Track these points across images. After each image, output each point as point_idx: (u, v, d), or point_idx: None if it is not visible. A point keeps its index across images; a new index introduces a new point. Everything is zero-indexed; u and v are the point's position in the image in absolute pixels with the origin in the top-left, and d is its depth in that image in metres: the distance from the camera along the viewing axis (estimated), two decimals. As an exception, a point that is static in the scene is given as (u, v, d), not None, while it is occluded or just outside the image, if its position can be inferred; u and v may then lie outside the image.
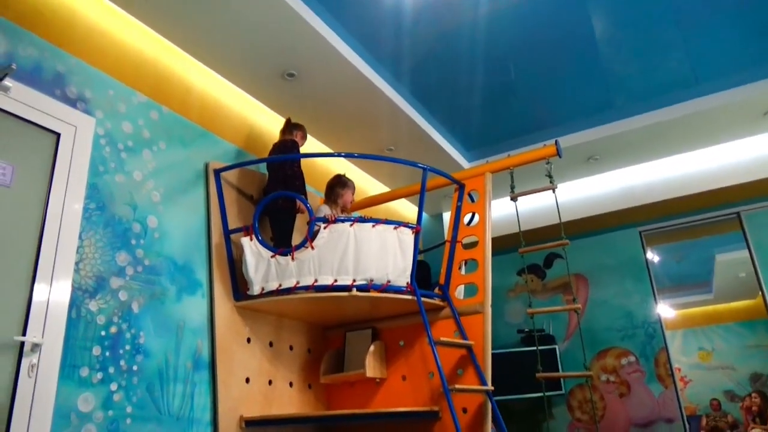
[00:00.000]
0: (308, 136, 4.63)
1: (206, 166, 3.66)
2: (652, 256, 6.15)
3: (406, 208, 6.00)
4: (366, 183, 5.46)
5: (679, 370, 7.54)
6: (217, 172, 3.65)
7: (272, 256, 3.40)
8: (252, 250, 3.44)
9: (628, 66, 4.52)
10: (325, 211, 3.66)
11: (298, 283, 3.37)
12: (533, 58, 4.38)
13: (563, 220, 3.92)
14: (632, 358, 5.80)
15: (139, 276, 3.11)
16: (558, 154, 3.99)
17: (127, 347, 2.96)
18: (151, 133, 3.37)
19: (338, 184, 3.93)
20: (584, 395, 5.90)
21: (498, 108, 5.01)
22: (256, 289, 3.41)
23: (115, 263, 3.00)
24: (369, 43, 4.01)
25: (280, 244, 3.55)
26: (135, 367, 2.97)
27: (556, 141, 4.03)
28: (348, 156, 4.85)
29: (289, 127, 4.01)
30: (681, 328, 7.93)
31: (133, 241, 3.12)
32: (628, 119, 5.13)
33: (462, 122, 5.19)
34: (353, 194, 3.95)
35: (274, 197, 3.62)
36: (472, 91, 4.73)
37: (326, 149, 4.87)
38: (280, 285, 3.38)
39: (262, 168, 4.08)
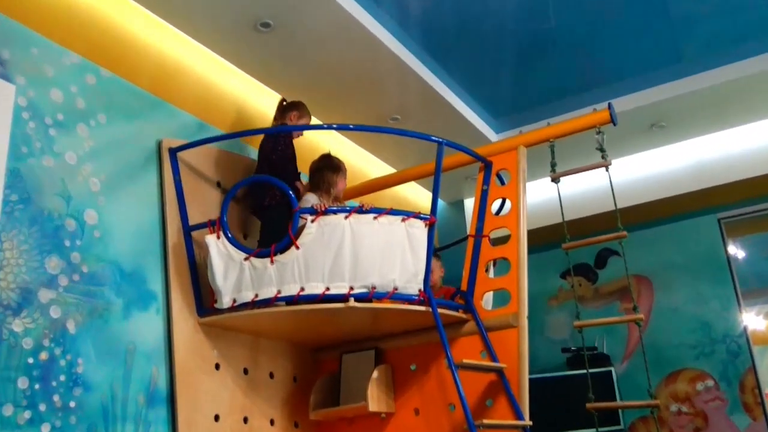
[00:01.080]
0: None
1: (159, 144, 3.66)
2: (736, 250, 6.12)
3: (418, 194, 5.98)
4: (365, 163, 5.45)
5: (771, 396, 7.54)
6: (174, 152, 3.64)
7: (246, 259, 3.40)
8: (220, 251, 3.44)
9: (702, 5, 4.48)
10: (312, 200, 3.65)
11: (279, 292, 3.37)
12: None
13: (620, 206, 3.90)
14: (710, 383, 5.79)
15: (76, 287, 3.11)
16: (612, 120, 3.96)
17: (62, 378, 2.96)
18: (87, 103, 3.36)
19: (328, 168, 3.89)
20: (649, 431, 5.90)
21: (534, 64, 4.98)
22: (225, 302, 3.41)
23: (45, 271, 3.00)
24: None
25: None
26: (72, 404, 2.97)
27: (609, 104, 4.01)
28: (341, 128, 4.84)
29: (281, 110, 4.04)
30: (773, 343, 7.91)
31: (67, 243, 3.12)
32: (702, 74, 5.10)
33: (488, 83, 5.17)
34: (346, 181, 3.92)
35: (244, 183, 3.61)
36: (501, 43, 4.71)
37: (314, 120, 4.85)
38: (256, 295, 3.38)
39: (233, 146, 4.07)
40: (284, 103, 4.08)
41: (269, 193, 3.74)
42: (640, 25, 4.65)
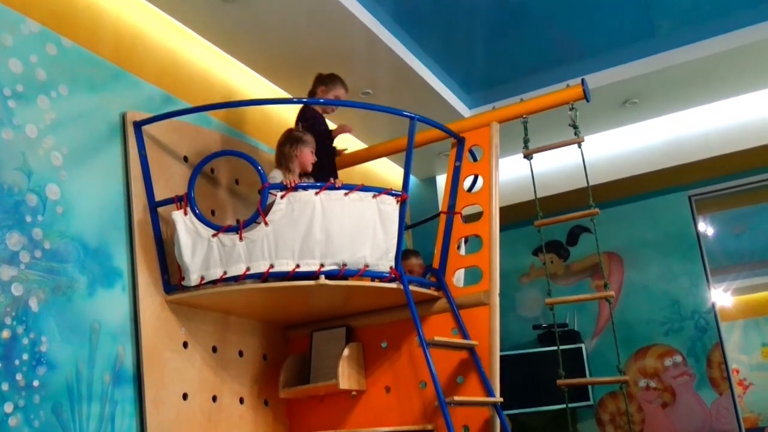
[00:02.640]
0: (260, 76, 4.59)
1: (123, 117, 3.61)
2: (705, 227, 6.26)
3: (389, 171, 5.99)
4: (336, 139, 5.42)
5: (738, 371, 7.74)
6: (138, 125, 3.61)
7: (214, 235, 3.39)
8: (187, 227, 3.42)
9: (676, -20, 4.52)
10: (278, 177, 3.63)
11: (248, 269, 3.37)
12: (552, -29, 4.36)
13: (592, 183, 3.94)
14: (678, 358, 5.92)
15: (38, 264, 3.07)
16: (585, 96, 3.99)
17: (25, 357, 2.94)
18: (48, 74, 3.30)
19: (289, 142, 3.83)
20: (618, 406, 6.02)
21: (507, 38, 4.99)
22: (193, 279, 3.40)
23: (5, 247, 2.96)
24: (337, -48, 3.96)
25: None
26: (36, 383, 2.95)
27: (582, 80, 4.03)
28: (309, 103, 4.79)
29: (314, 82, 4.14)
30: (741, 319, 8.11)
31: (29, 218, 3.08)
32: (675, 50, 5.15)
33: (461, 57, 5.16)
34: (313, 152, 3.88)
35: (211, 158, 3.60)
36: (474, 17, 4.70)
37: (281, 93, 4.82)
38: (224, 273, 3.38)
39: (200, 120, 4.03)
40: (319, 76, 4.14)
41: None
42: (613, 0, 4.67)
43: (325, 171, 3.92)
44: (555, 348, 3.99)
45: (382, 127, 5.19)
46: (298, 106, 4.82)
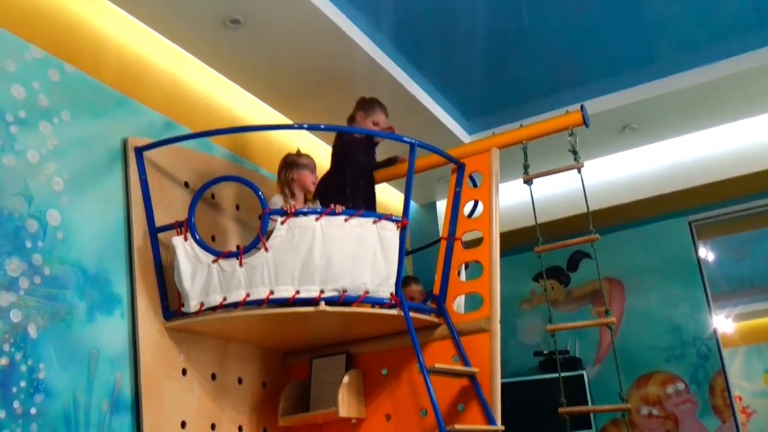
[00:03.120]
0: (262, 102, 4.62)
1: (125, 143, 3.63)
2: (706, 253, 6.24)
3: (389, 196, 5.99)
4: (336, 163, 5.44)
5: (741, 399, 7.69)
6: (140, 151, 3.62)
7: (214, 261, 3.40)
8: (187, 252, 3.42)
9: (674, 6, 4.55)
10: (278, 203, 3.65)
11: (248, 295, 3.36)
12: (550, -1, 4.40)
13: (592, 208, 3.94)
14: (681, 386, 5.88)
15: (38, 290, 3.06)
16: (585, 122, 4.01)
17: (23, 384, 2.92)
18: (50, 100, 3.32)
19: (285, 167, 3.87)
20: (620, 434, 5.97)
21: (507, 64, 5.02)
22: (192, 305, 3.39)
23: (5, 273, 2.95)
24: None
25: None
26: (33, 410, 2.93)
27: (581, 106, 4.05)
28: (311, 128, 4.84)
29: (354, 108, 4.16)
30: (743, 345, 8.07)
31: (29, 244, 3.08)
32: (674, 76, 5.19)
33: (460, 83, 5.19)
34: (314, 174, 3.90)
35: (212, 183, 3.61)
36: (474, 42, 4.73)
37: (283, 119, 4.84)
38: (224, 299, 3.37)
39: (201, 146, 4.06)
40: (360, 100, 4.17)
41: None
42: (612, 26, 4.71)
43: (366, 199, 4.01)
44: (556, 375, 3.97)
45: (383, 152, 5.20)
46: (300, 132, 4.86)
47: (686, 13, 4.61)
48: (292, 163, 3.87)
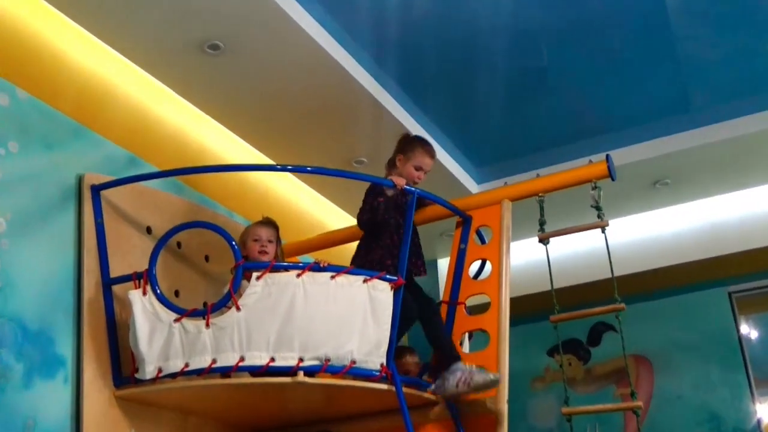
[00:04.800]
0: (240, 139, 4.62)
1: (80, 179, 3.62)
2: (749, 329, 6.19)
3: (384, 252, 5.97)
4: (323, 212, 5.46)
5: (788, 502, 7.55)
6: (97, 190, 3.62)
7: (177, 320, 3.35)
8: (145, 309, 3.38)
9: (716, 48, 4.61)
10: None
11: (214, 361, 3.31)
12: (574, 37, 4.44)
13: (617, 273, 3.91)
14: (718, 484, 5.78)
15: (-32, 347, 3.01)
16: (610, 174, 4.01)
17: (-57, 458, 2.85)
18: (-3, 128, 3.32)
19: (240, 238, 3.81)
20: None
21: (523, 107, 5.06)
22: (149, 371, 3.34)
23: (-70, 326, 2.91)
24: (337, 8, 4.04)
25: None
26: (-46, 490, 2.85)
27: (607, 156, 4.06)
28: (296, 170, 4.85)
29: (395, 149, 4.02)
30: (791, 439, 7.96)
31: (-39, 293, 3.04)
32: (713, 126, 5.23)
33: (469, 125, 5.23)
34: (273, 246, 3.81)
35: (179, 229, 3.59)
36: (486, 82, 4.79)
37: (263, 159, 4.86)
38: (186, 365, 3.32)
39: (168, 186, 4.04)
40: (402, 139, 4.05)
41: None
42: (644, 68, 4.76)
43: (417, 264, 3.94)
44: (572, 467, 3.90)
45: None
46: (284, 175, 4.86)
47: (728, 56, 4.67)
48: (244, 233, 3.84)
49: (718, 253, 5.86)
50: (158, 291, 3.41)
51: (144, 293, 3.39)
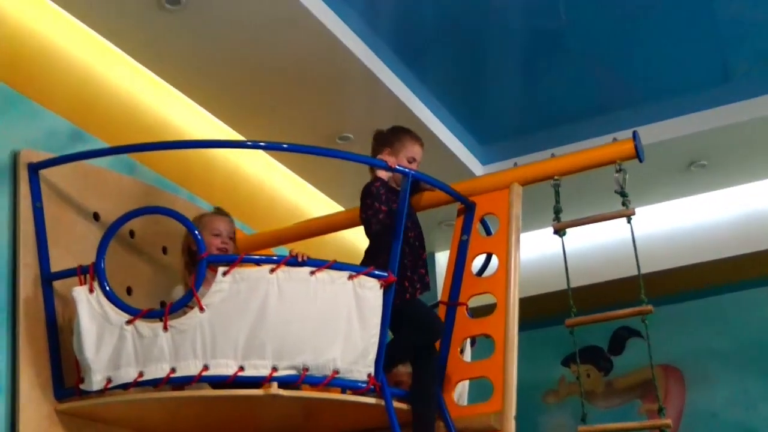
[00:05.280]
0: (204, 110, 4.61)
1: (15, 157, 3.60)
2: (797, 336, 6.23)
3: (372, 243, 5.98)
4: (303, 197, 5.47)
5: None
6: (35, 169, 3.60)
7: (129, 322, 3.33)
8: (92, 309, 3.37)
9: (756, 11, 4.62)
10: (179, 294, 3.59)
11: (173, 370, 3.30)
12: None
13: (644, 270, 3.91)
14: None
15: None
16: (638, 155, 4.00)
17: None
18: None
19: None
20: None
21: (536, 76, 5.07)
22: (96, 381, 3.33)
23: None
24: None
25: None
26: None
27: (634, 133, 4.05)
28: (271, 148, 4.82)
29: (373, 146, 4.04)
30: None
31: None
32: (755, 99, 5.25)
33: (474, 98, 5.24)
34: (226, 241, 3.85)
35: (132, 216, 3.58)
36: (494, 47, 4.81)
37: (232, 135, 4.87)
38: (140, 374, 3.31)
39: (120, 166, 4.04)
40: (378, 134, 4.07)
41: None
42: (678, 32, 4.77)
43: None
44: (591, 494, 3.91)
45: (363, 184, 5.21)
46: (256, 153, 4.84)
47: (774, 14, 4.67)
48: (198, 224, 3.78)
49: (761, 247, 5.88)
50: (107, 288, 3.39)
51: (91, 290, 3.38)
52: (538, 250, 5.39)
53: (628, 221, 3.93)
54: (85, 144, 3.91)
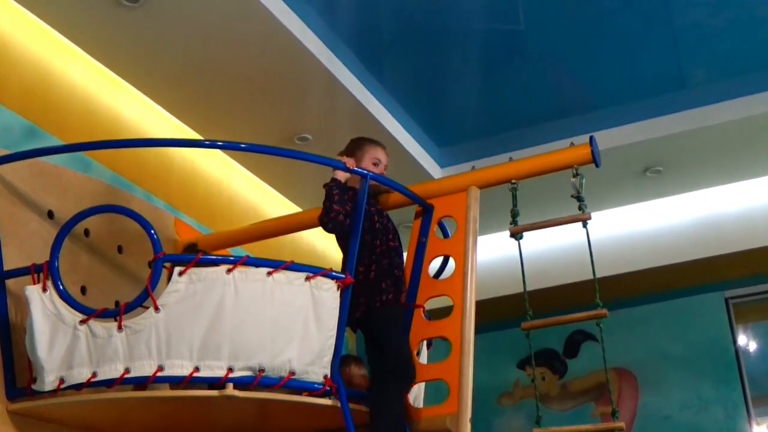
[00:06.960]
0: (161, 109, 4.59)
1: (-33, 153, 3.57)
2: (746, 340, 6.30)
3: (328, 245, 5.97)
4: (260, 198, 5.46)
5: None
6: (-12, 166, 3.56)
7: (83, 321, 3.31)
8: (45, 308, 3.33)
9: (716, 17, 4.66)
10: None
11: (127, 371, 3.28)
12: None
13: (599, 274, 3.95)
14: None
15: None
16: (594, 160, 4.04)
17: None
18: None
19: None
20: None
21: (495, 79, 5.09)
22: (49, 381, 3.30)
23: None
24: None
25: None
26: None
27: (591, 138, 4.09)
28: (228, 147, 4.80)
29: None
30: (791, 465, 8.14)
31: None
32: (710, 107, 5.30)
33: (433, 101, 5.25)
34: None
35: (87, 214, 3.55)
36: (453, 50, 4.82)
37: (189, 134, 4.85)
38: (94, 374, 3.28)
39: (75, 163, 4.01)
40: (348, 146, 4.06)
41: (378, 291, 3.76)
42: (635, 38, 4.81)
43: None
44: (544, 497, 3.94)
45: (321, 185, 5.20)
46: (213, 152, 4.82)
47: (731, 24, 4.73)
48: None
49: (715, 252, 5.94)
50: (61, 287, 3.36)
51: (44, 289, 3.35)
52: (495, 253, 5.41)
53: (584, 225, 3.96)
54: (39, 141, 3.89)
